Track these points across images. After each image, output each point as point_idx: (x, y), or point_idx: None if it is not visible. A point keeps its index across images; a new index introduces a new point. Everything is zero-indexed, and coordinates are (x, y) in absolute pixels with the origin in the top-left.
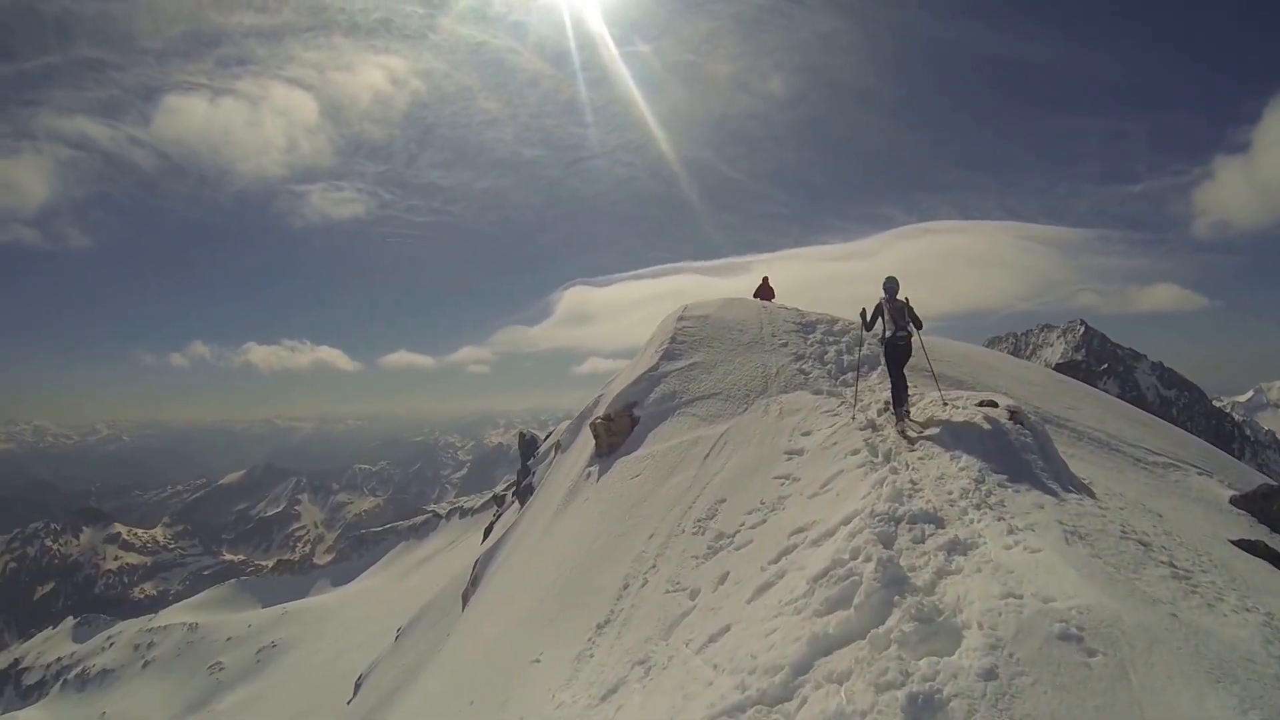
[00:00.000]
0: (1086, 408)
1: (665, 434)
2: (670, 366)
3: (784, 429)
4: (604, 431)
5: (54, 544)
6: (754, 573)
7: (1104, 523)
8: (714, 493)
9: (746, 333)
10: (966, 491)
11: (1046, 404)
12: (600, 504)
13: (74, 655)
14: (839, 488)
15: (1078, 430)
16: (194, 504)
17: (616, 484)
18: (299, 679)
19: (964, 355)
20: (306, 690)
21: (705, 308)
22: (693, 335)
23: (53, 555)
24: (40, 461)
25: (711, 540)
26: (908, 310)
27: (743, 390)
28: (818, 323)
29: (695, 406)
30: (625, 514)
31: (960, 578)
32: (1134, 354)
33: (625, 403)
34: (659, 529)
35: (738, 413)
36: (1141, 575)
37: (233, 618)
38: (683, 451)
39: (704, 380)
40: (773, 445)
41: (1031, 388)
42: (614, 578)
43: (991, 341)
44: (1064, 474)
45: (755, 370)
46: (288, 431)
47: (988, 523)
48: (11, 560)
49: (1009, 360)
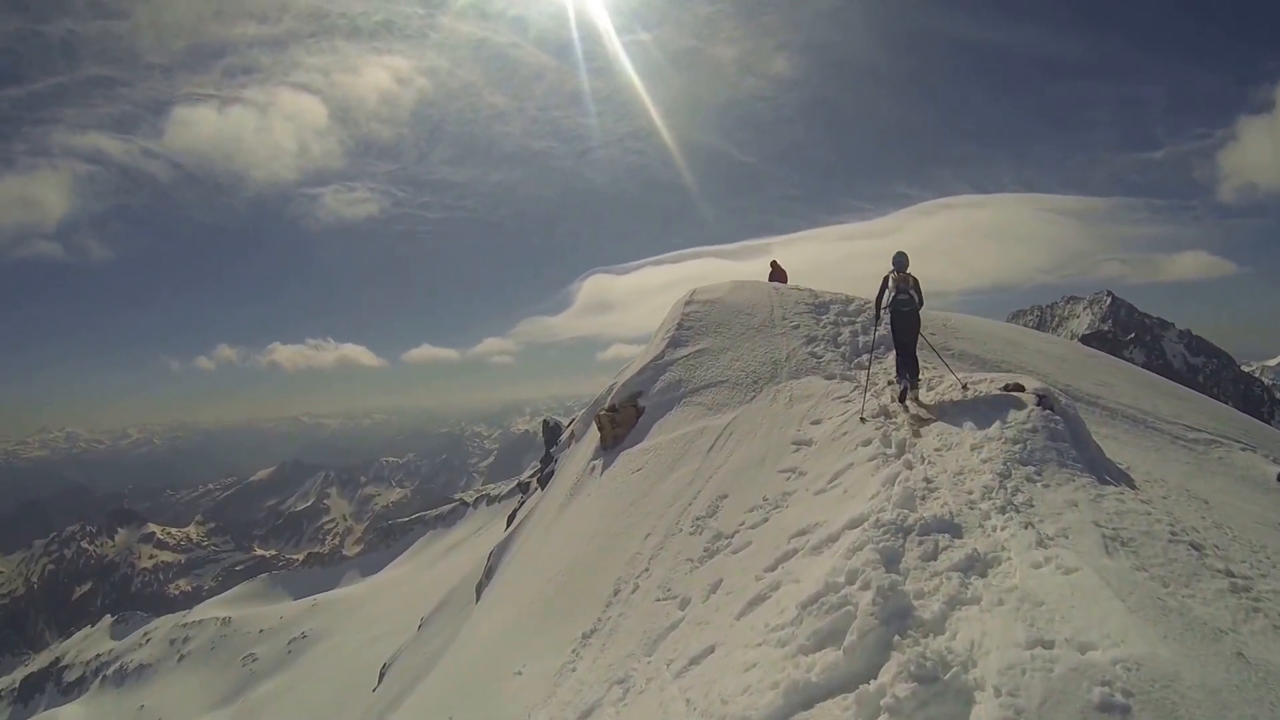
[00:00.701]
0: (1119, 383)
1: (670, 425)
2: (677, 354)
3: (793, 418)
4: (608, 423)
5: (90, 545)
6: (748, 581)
7: (1149, 522)
8: (716, 488)
9: (756, 316)
10: (989, 490)
11: (1076, 381)
12: (601, 500)
13: (112, 652)
14: (847, 483)
15: (1111, 408)
16: (225, 502)
17: (618, 478)
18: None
19: (987, 332)
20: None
21: (714, 291)
22: (701, 320)
23: (89, 556)
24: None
25: (709, 541)
26: (914, 283)
27: (751, 377)
28: (831, 303)
29: (701, 395)
30: (624, 510)
31: (977, 610)
32: (1161, 323)
33: (630, 393)
34: (656, 527)
35: (745, 401)
36: (1196, 590)
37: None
38: (686, 443)
39: (711, 367)
40: (780, 436)
41: (1060, 364)
42: (606, 581)
43: (1015, 315)
44: (1099, 461)
45: (764, 355)
46: (314, 428)
47: (1013, 531)
48: (50, 562)
49: (1034, 335)
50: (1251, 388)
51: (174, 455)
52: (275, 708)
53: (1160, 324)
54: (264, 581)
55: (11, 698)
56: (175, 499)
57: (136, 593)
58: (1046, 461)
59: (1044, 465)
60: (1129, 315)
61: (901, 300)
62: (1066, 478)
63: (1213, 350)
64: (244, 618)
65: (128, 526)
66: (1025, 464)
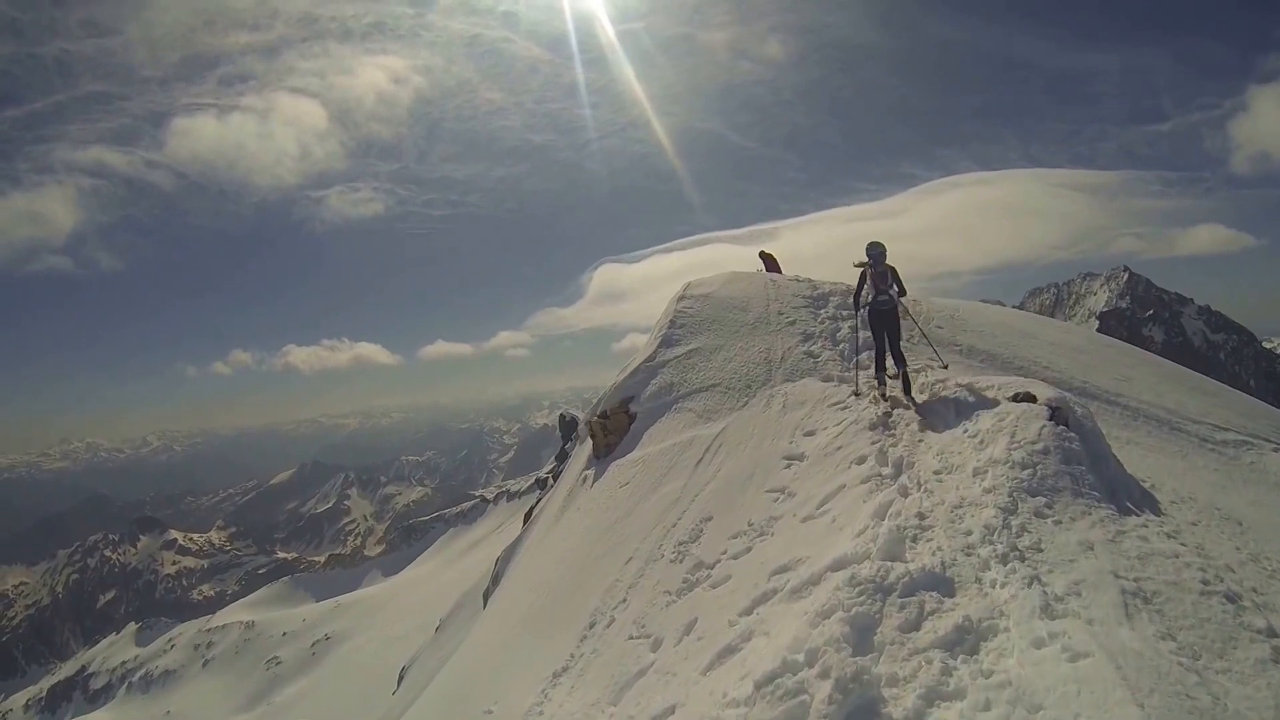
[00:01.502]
0: (1141, 377)
1: (660, 433)
2: (668, 354)
3: (785, 427)
4: (600, 432)
5: (113, 554)
6: (721, 626)
7: (1177, 568)
8: (701, 508)
9: (750, 311)
10: (990, 530)
11: (1094, 377)
12: (587, 516)
13: (137, 658)
14: (837, 510)
15: (1132, 407)
16: (246, 506)
17: (605, 494)
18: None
19: (997, 322)
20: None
21: (708, 285)
22: (693, 317)
23: (113, 564)
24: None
25: (689, 571)
26: (892, 274)
27: (744, 380)
28: (831, 294)
29: (693, 400)
30: (607, 530)
31: (962, 708)
32: (1180, 298)
33: (622, 397)
34: (638, 551)
35: (737, 407)
36: (1232, 661)
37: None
38: (675, 455)
39: (703, 369)
40: (771, 448)
41: (1076, 357)
42: (583, 611)
43: (1032, 293)
44: (1120, 483)
45: (759, 355)
46: (333, 429)
47: (1015, 589)
48: (74, 572)
49: (1049, 325)
50: (1274, 365)
51: (194, 461)
52: (299, 710)
53: (1179, 300)
54: (286, 584)
55: (39, 707)
56: (196, 505)
57: (160, 599)
58: (1059, 490)
59: (1056, 495)
60: (1147, 291)
61: (881, 300)
62: (1082, 510)
63: (1233, 326)
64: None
65: (150, 534)
66: (1035, 494)
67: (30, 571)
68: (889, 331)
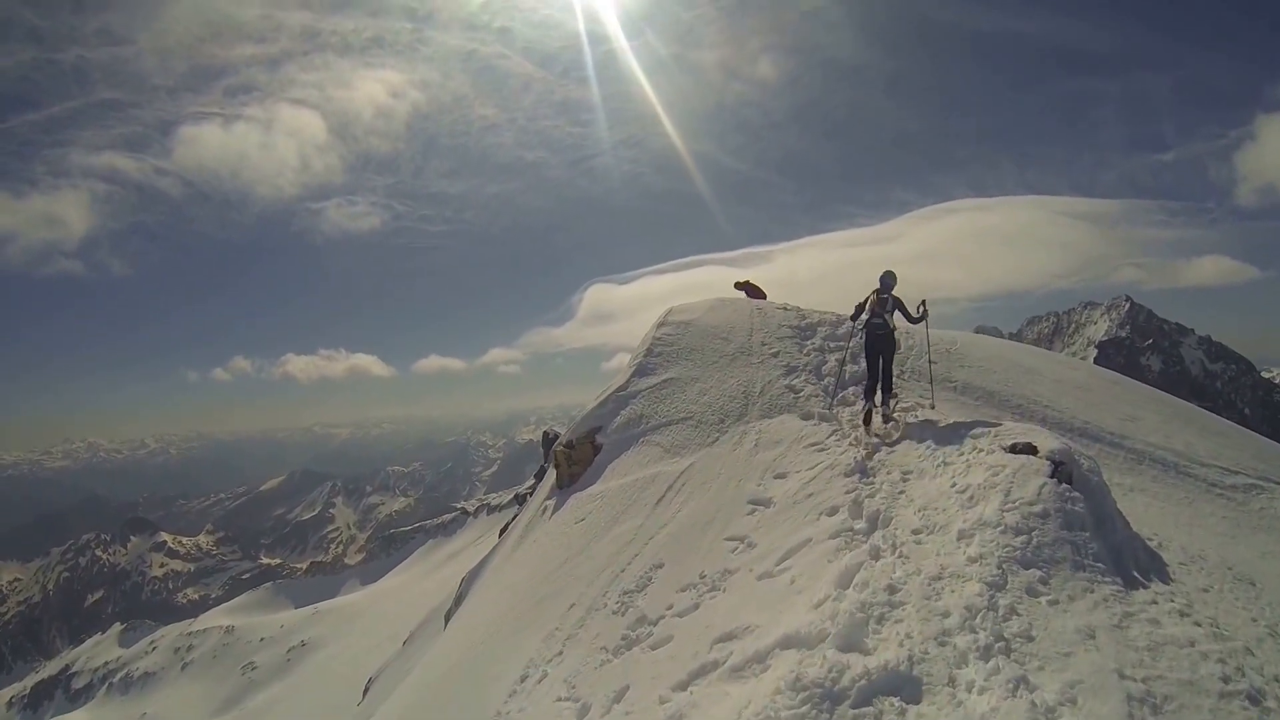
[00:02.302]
0: (1148, 417)
1: (624, 467)
2: (642, 384)
3: (755, 467)
4: (564, 461)
5: (104, 553)
6: (651, 702)
7: (1192, 660)
8: (653, 553)
9: (732, 341)
10: (972, 612)
11: (1099, 417)
12: (540, 550)
13: (119, 659)
14: (797, 570)
15: (1138, 450)
16: (235, 511)
17: (560, 528)
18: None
19: (996, 356)
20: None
21: (690, 311)
22: (672, 345)
23: (102, 564)
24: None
25: (630, 626)
26: (897, 304)
27: (717, 414)
28: (819, 325)
29: (662, 434)
30: (556, 569)
31: None
32: (1180, 329)
33: (589, 427)
34: (583, 597)
35: (706, 443)
36: None
37: (267, 619)
38: (635, 492)
39: (676, 401)
40: (737, 491)
41: (1080, 395)
42: (516, 664)
43: (1031, 322)
44: (1127, 549)
45: (736, 388)
46: (326, 438)
47: (996, 697)
48: (65, 570)
49: (1051, 360)
50: (1271, 393)
51: (189, 465)
52: (271, 716)
53: (1179, 330)
54: (268, 590)
55: (21, 705)
56: (188, 508)
57: (146, 601)
58: (1058, 562)
59: (1054, 568)
60: (1148, 321)
61: (876, 324)
62: (1083, 586)
63: (1232, 356)
64: (246, 626)
65: (141, 535)
66: (1029, 566)
67: (25, 568)
68: (882, 357)
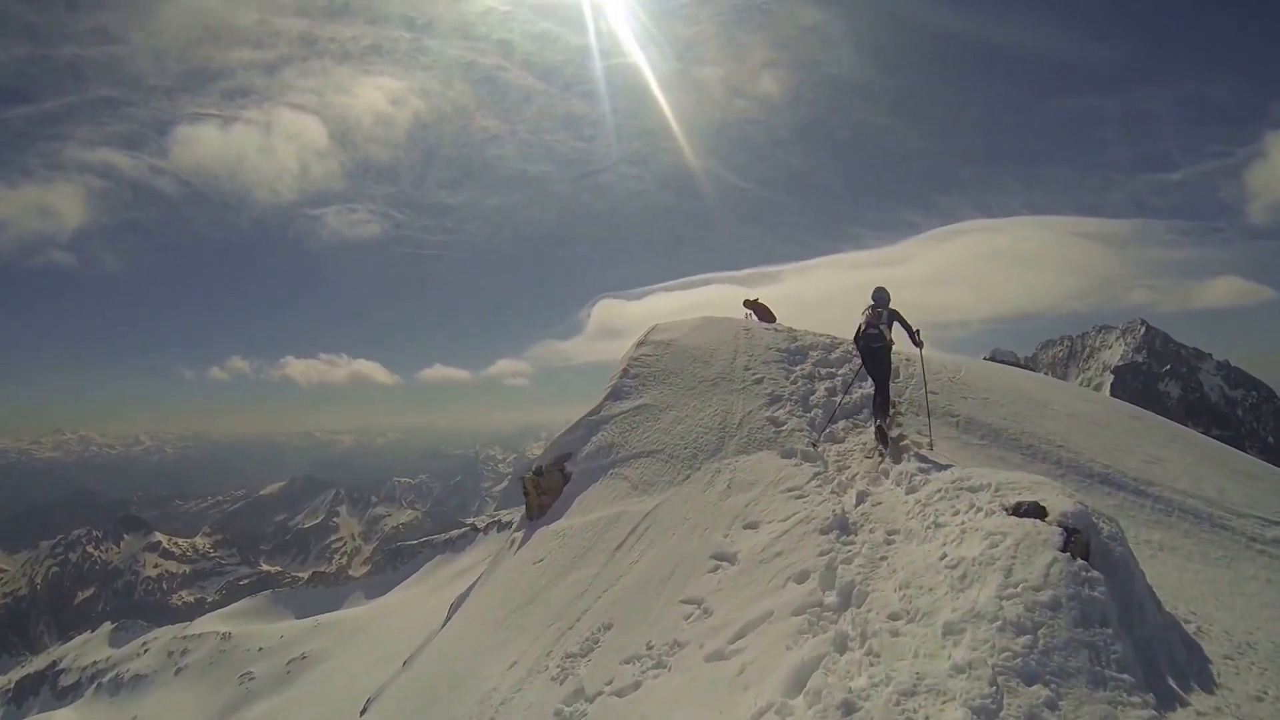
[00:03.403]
0: (1174, 457)
1: (589, 502)
2: (615, 409)
3: (725, 514)
4: (533, 489)
5: (95, 550)
6: None
7: None
8: (605, 610)
9: (713, 364)
10: None
11: (1120, 459)
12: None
13: (109, 660)
14: (752, 652)
15: (1165, 498)
16: (234, 514)
17: (520, 567)
18: (326, 692)
19: (1003, 386)
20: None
21: (674, 330)
22: (650, 367)
23: (94, 561)
24: (85, 470)
25: (566, 699)
26: (895, 317)
27: (691, 447)
28: (811, 348)
29: (630, 466)
30: (507, 617)
31: None
32: (1198, 353)
33: (559, 454)
34: (526, 655)
35: (676, 481)
36: None
37: (266, 628)
38: (597, 533)
39: (649, 430)
40: (701, 541)
41: (1098, 433)
42: None
43: (1046, 345)
44: (1160, 646)
45: (713, 418)
46: (328, 444)
47: None
48: (55, 565)
49: (1065, 392)
50: None
51: (185, 464)
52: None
53: (1197, 354)
54: (267, 598)
55: (5, 699)
56: (184, 509)
57: (139, 601)
58: (1071, 676)
59: (1066, 683)
60: (1165, 346)
61: (871, 335)
62: (1103, 713)
63: (1252, 382)
64: (244, 634)
65: (134, 534)
66: (1033, 680)
67: (11, 560)
68: (876, 372)
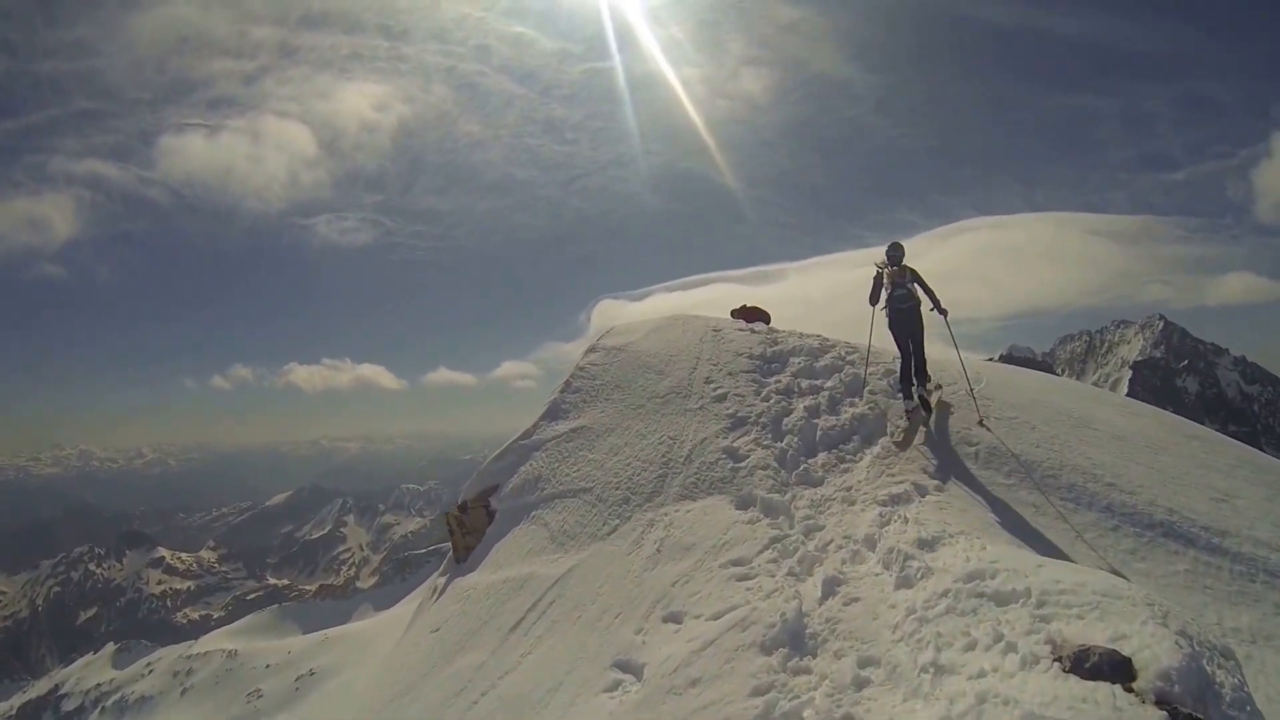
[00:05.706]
0: (1246, 491)
1: (503, 554)
2: (549, 431)
3: (645, 593)
4: (457, 528)
5: (98, 568)
6: None
7: None
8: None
9: (668, 375)
10: None
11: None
12: (397, 661)
13: (113, 682)
14: None
15: (1246, 555)
16: (239, 527)
17: (419, 635)
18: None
19: (1034, 402)
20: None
21: (629, 334)
22: (595, 379)
23: (96, 580)
24: (85, 486)
25: None
26: (915, 277)
27: (624, 487)
28: (792, 354)
29: (553, 509)
30: (391, 701)
31: None
32: (1216, 349)
33: (484, 487)
34: None
35: (600, 535)
36: None
37: (273, 644)
38: (499, 601)
39: (580, 461)
40: (608, 635)
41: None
42: None
43: (1063, 341)
44: None
45: (656, 447)
46: (334, 452)
47: None
48: (56, 584)
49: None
50: None
51: (189, 477)
52: None
53: (1214, 350)
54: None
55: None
56: (188, 522)
57: (143, 620)
58: None
59: None
60: (1182, 341)
61: (899, 296)
62: None
63: (1269, 378)
64: (251, 651)
65: (137, 550)
66: None
67: (11, 581)
68: (912, 335)
